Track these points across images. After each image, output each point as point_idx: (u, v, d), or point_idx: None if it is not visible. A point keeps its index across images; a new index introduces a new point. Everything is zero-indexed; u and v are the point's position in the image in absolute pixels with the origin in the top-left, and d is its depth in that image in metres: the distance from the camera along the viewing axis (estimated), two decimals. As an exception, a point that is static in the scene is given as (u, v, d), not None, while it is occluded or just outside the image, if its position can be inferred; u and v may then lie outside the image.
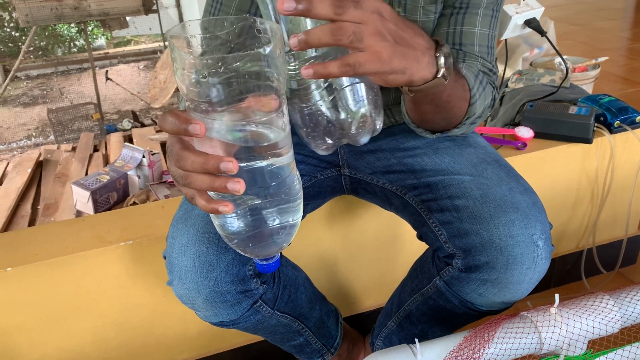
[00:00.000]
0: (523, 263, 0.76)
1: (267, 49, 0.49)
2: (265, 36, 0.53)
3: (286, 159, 0.56)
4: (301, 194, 0.60)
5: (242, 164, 0.53)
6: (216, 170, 0.50)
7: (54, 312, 1.06)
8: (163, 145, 2.97)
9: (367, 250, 1.26)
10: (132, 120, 3.96)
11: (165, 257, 0.84)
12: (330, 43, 0.53)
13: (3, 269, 0.99)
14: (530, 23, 1.46)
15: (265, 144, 0.53)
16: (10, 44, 6.69)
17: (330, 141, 0.71)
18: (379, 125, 0.72)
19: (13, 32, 6.71)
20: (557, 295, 0.84)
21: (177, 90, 4.20)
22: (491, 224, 0.76)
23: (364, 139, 0.71)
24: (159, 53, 6.16)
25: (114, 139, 3.23)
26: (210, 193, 0.55)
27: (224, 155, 0.51)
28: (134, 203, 2.06)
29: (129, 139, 3.20)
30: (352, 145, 0.98)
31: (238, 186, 0.50)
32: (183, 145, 0.52)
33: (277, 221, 0.58)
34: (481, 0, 0.86)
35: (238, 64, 0.49)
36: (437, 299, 0.89)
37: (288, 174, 0.57)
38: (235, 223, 0.57)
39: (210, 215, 0.59)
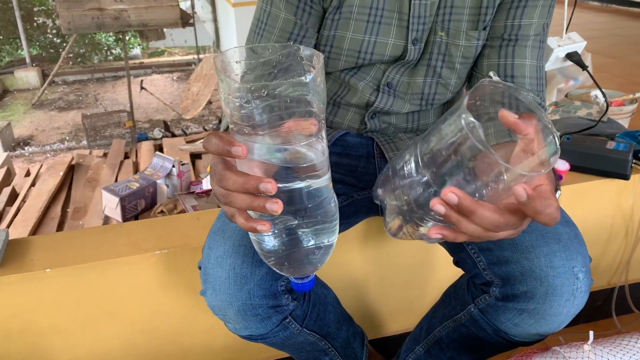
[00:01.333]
0: (562, 295, 0.75)
1: (309, 77, 0.51)
2: (308, 64, 0.55)
3: (323, 181, 0.57)
4: (337, 215, 0.61)
5: (281, 185, 0.54)
6: (256, 191, 0.52)
7: (87, 315, 1.08)
8: (192, 155, 3.01)
9: (397, 273, 1.25)
10: (163, 130, 4.03)
11: (200, 268, 0.84)
12: (477, 239, 0.55)
13: (42, 269, 1.01)
14: (572, 57, 1.46)
15: (304, 165, 0.55)
16: (50, 50, 6.88)
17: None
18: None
19: (54, 39, 6.91)
20: (591, 333, 0.83)
21: (209, 102, 4.26)
22: (532, 253, 0.76)
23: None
24: (193, 65, 6.26)
25: (145, 147, 3.29)
26: (250, 212, 0.56)
27: (263, 176, 0.53)
28: (162, 212, 2.09)
29: (159, 148, 3.25)
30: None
31: (276, 206, 0.52)
32: (225, 166, 0.54)
33: (312, 242, 0.59)
34: (530, 32, 0.87)
35: (281, 90, 0.50)
36: (470, 326, 0.88)
37: (325, 195, 0.58)
38: (271, 242, 0.59)
39: (249, 233, 0.60)
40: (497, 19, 0.89)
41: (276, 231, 0.57)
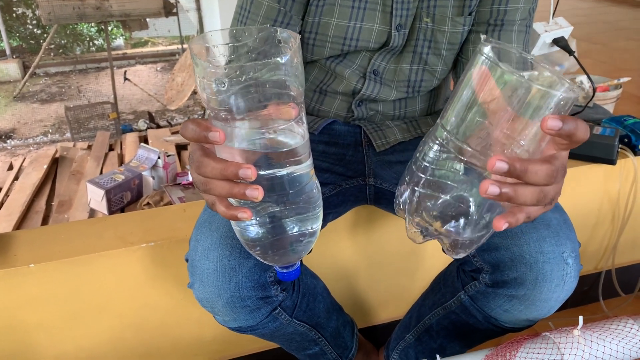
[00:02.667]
0: (552, 280, 0.75)
1: (285, 58, 0.50)
2: (285, 46, 0.54)
3: (305, 167, 0.56)
4: (320, 202, 0.60)
5: (262, 172, 0.53)
6: (235, 177, 0.51)
7: (73, 310, 1.06)
8: (178, 147, 2.98)
9: (386, 262, 1.25)
10: (147, 121, 3.99)
11: (187, 260, 0.84)
12: (534, 204, 0.50)
13: (26, 265, 1.00)
14: (559, 42, 1.46)
15: (284, 150, 0.54)
16: (31, 41, 6.78)
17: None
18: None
19: (35, 30, 6.80)
20: (581, 318, 0.83)
21: (193, 93, 4.22)
22: (522, 239, 0.76)
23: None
24: (177, 55, 6.21)
25: (130, 139, 3.26)
26: (231, 200, 0.56)
27: (243, 163, 0.52)
28: (148, 204, 2.07)
29: (144, 140, 3.22)
30: (380, 155, 0.98)
31: (256, 193, 0.51)
32: (204, 153, 0.53)
33: (296, 229, 0.58)
34: (516, 17, 0.87)
35: (257, 72, 0.49)
36: (460, 313, 0.88)
37: (307, 181, 0.57)
38: (255, 230, 0.58)
39: (231, 222, 0.60)
40: (482, 4, 0.89)
41: (259, 219, 0.57)
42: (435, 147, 0.54)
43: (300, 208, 0.57)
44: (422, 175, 0.55)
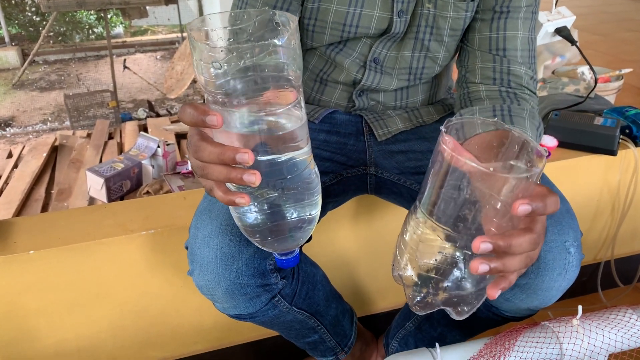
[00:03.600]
0: (554, 269, 0.75)
1: (282, 40, 0.50)
2: (283, 28, 0.53)
3: (303, 152, 0.56)
4: (319, 188, 0.60)
5: (260, 158, 0.53)
6: (232, 161, 0.51)
7: (73, 297, 1.07)
8: (178, 135, 2.98)
9: (386, 251, 1.25)
10: (147, 110, 3.98)
11: (187, 248, 0.83)
12: (523, 267, 0.54)
13: (26, 251, 0.99)
14: (561, 31, 1.45)
15: (282, 133, 0.54)
16: (30, 28, 6.74)
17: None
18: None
19: (34, 17, 6.76)
20: (580, 307, 0.84)
21: (193, 81, 4.21)
22: None
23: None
24: (176, 44, 6.18)
25: (129, 127, 3.25)
26: (229, 185, 0.55)
27: (241, 147, 0.52)
28: (147, 192, 2.07)
29: (143, 128, 3.21)
30: (381, 144, 0.98)
31: (254, 178, 0.51)
32: (201, 137, 0.53)
33: (294, 215, 0.58)
34: (521, 3, 0.86)
35: (255, 55, 0.49)
36: (460, 302, 0.88)
37: (305, 167, 0.57)
38: (252, 216, 0.58)
39: (230, 208, 0.59)
40: None
41: (257, 205, 0.57)
42: (419, 230, 0.56)
43: (299, 194, 0.57)
44: (414, 247, 0.57)
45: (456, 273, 0.55)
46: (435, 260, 0.55)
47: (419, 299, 0.59)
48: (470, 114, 0.82)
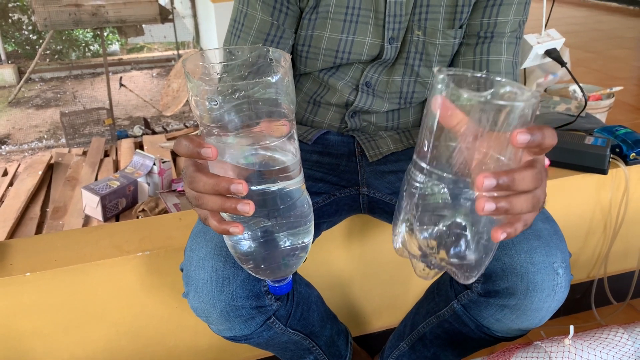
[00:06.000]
0: (543, 290, 0.76)
1: (276, 77, 0.52)
2: (277, 65, 0.55)
3: (296, 182, 0.58)
4: (311, 216, 0.62)
5: (253, 187, 0.55)
6: (227, 192, 0.52)
7: (69, 318, 1.07)
8: (174, 153, 2.98)
9: (380, 271, 1.26)
10: (143, 127, 3.99)
11: (182, 270, 0.84)
12: (529, 210, 0.52)
13: (22, 273, 1.00)
14: (551, 53, 1.47)
15: (276, 167, 0.55)
16: (27, 46, 6.77)
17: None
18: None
19: (30, 35, 6.79)
20: (571, 327, 0.85)
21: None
22: (513, 250, 0.77)
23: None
24: (172, 61, 6.21)
25: (125, 145, 3.25)
26: (223, 215, 0.57)
27: (235, 178, 0.53)
28: (143, 210, 2.07)
29: (139, 146, 3.21)
30: (373, 165, 0.99)
31: (247, 208, 0.53)
32: (197, 168, 0.55)
33: (288, 243, 0.60)
34: (506, 29, 0.88)
35: (249, 91, 0.51)
36: (453, 322, 0.89)
37: (298, 196, 0.58)
38: (246, 244, 0.59)
39: (224, 236, 0.61)
40: (473, 17, 0.90)
41: (250, 233, 0.58)
42: (417, 181, 0.54)
43: (292, 223, 0.58)
44: (413, 212, 0.55)
45: (460, 225, 0.53)
46: (438, 214, 0.53)
47: (424, 263, 0.57)
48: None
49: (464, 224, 0.53)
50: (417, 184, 0.54)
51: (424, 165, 0.53)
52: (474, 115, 0.49)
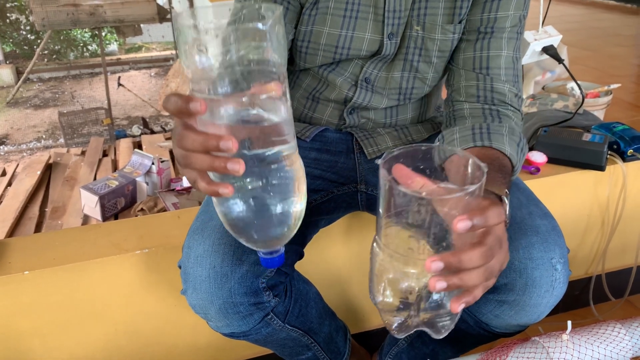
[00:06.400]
0: (541, 286, 0.76)
1: (266, 25, 0.50)
2: (268, 14, 0.53)
3: (289, 147, 0.56)
4: (304, 181, 0.59)
5: (245, 152, 0.53)
6: (216, 149, 0.50)
7: (68, 317, 1.07)
8: (172, 152, 2.99)
9: (377, 267, 1.26)
10: (141, 127, 3.99)
11: (180, 267, 0.84)
12: (483, 281, 0.55)
13: (20, 272, 1.00)
14: (548, 50, 1.48)
15: (267, 124, 0.54)
16: (24, 46, 6.76)
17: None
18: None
19: (28, 35, 6.78)
20: (569, 322, 0.85)
21: (187, 98, 4.21)
22: (511, 246, 0.77)
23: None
24: (171, 61, 6.21)
25: (124, 144, 3.25)
26: (213, 178, 0.55)
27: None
28: (142, 210, 2.07)
29: (138, 145, 3.21)
30: (371, 162, 1.00)
31: (237, 166, 0.50)
32: (186, 126, 0.53)
33: (279, 209, 0.57)
34: (506, 24, 0.88)
35: (239, 40, 0.50)
36: (451, 318, 0.89)
37: (290, 162, 0.57)
38: (236, 208, 0.57)
39: (215, 203, 0.58)
40: (473, 13, 0.90)
41: (241, 197, 0.56)
42: (382, 257, 0.57)
43: (284, 187, 0.57)
44: (384, 285, 0.58)
45: (427, 295, 0.56)
46: (403, 285, 0.56)
47: (396, 323, 0.60)
48: (451, 134, 0.85)
49: (431, 294, 0.56)
50: (383, 256, 0.57)
51: (385, 247, 0.56)
52: (415, 209, 0.53)
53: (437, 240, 0.54)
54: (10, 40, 6.79)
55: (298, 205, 0.59)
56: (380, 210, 0.56)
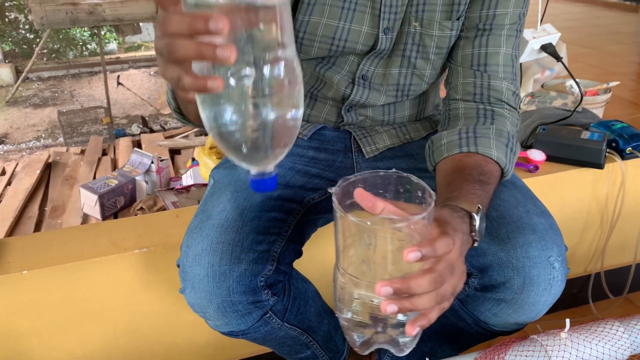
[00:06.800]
0: (539, 284, 0.76)
1: None
2: None
3: (291, 50, 0.50)
4: (301, 85, 0.52)
5: (241, 42, 0.47)
6: (205, 31, 0.44)
7: (67, 316, 1.07)
8: (172, 151, 2.99)
9: (376, 266, 1.26)
10: (141, 126, 3.99)
11: (178, 266, 0.84)
12: (435, 305, 0.56)
13: (19, 271, 1.00)
14: (547, 48, 1.48)
15: (266, 12, 0.47)
16: (24, 45, 6.75)
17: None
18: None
19: (27, 34, 6.78)
20: (567, 320, 0.85)
21: (187, 97, 4.21)
22: (508, 244, 0.77)
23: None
24: (170, 60, 6.18)
25: (123, 143, 3.25)
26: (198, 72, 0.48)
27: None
28: (141, 208, 2.07)
29: (137, 144, 3.21)
30: (369, 161, 1.00)
31: (228, 52, 0.44)
32: (172, 11, 0.47)
33: (273, 114, 0.50)
34: (505, 21, 0.88)
35: None
36: (450, 316, 0.89)
37: (292, 63, 0.50)
38: (226, 113, 0.50)
39: (201, 109, 0.51)
40: (472, 10, 0.90)
41: (233, 97, 0.49)
42: (344, 280, 0.59)
43: (285, 89, 0.50)
44: (347, 305, 0.61)
45: (381, 316, 0.58)
46: (362, 307, 0.59)
47: (359, 341, 0.62)
48: (439, 140, 0.86)
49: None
50: (338, 280, 0.60)
51: (346, 275, 0.58)
52: (365, 238, 0.56)
53: (391, 264, 0.57)
54: (10, 39, 6.78)
55: (299, 114, 0.53)
56: (336, 235, 0.58)
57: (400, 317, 0.58)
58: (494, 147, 0.80)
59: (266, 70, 0.48)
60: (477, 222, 0.67)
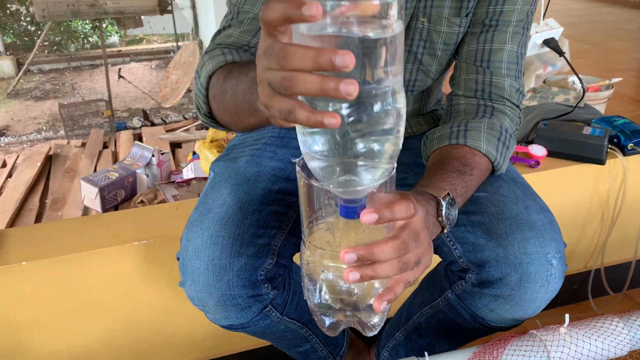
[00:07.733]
0: (536, 281, 0.76)
1: None
2: None
3: (398, 77, 0.48)
4: (403, 123, 0.50)
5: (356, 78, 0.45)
6: (329, 65, 0.41)
7: (66, 308, 1.07)
8: (172, 145, 2.99)
9: (376, 260, 1.26)
10: (142, 119, 3.99)
11: (178, 259, 0.84)
12: (398, 273, 0.56)
13: (18, 262, 1.00)
14: (549, 43, 1.47)
15: (379, 39, 0.45)
16: (25, 38, 6.75)
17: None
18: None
19: (28, 26, 6.77)
20: (567, 316, 0.85)
21: (188, 90, 4.22)
22: (506, 240, 0.77)
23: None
24: (171, 53, 6.19)
25: (124, 136, 3.26)
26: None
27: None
28: (142, 202, 2.07)
29: (138, 137, 3.21)
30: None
31: (352, 88, 0.42)
32: (289, 40, 0.45)
33: (377, 147, 0.49)
34: (512, 18, 0.87)
35: None
36: (448, 312, 0.89)
37: (400, 96, 0.49)
38: (329, 144, 0.48)
39: (299, 132, 0.50)
40: (479, 6, 0.89)
41: (337, 131, 0.47)
42: (308, 252, 0.59)
43: (382, 122, 0.48)
44: (314, 282, 0.61)
45: (349, 290, 0.58)
46: (328, 278, 0.58)
47: (327, 322, 0.63)
48: (433, 134, 0.87)
49: (354, 288, 0.59)
50: (308, 255, 0.59)
51: (309, 241, 0.58)
52: (325, 201, 0.56)
53: (354, 232, 0.56)
54: (11, 31, 6.77)
55: (398, 149, 0.51)
56: (301, 208, 0.58)
57: (360, 292, 0.58)
58: (483, 140, 0.80)
59: (376, 105, 0.47)
60: (443, 208, 0.67)
